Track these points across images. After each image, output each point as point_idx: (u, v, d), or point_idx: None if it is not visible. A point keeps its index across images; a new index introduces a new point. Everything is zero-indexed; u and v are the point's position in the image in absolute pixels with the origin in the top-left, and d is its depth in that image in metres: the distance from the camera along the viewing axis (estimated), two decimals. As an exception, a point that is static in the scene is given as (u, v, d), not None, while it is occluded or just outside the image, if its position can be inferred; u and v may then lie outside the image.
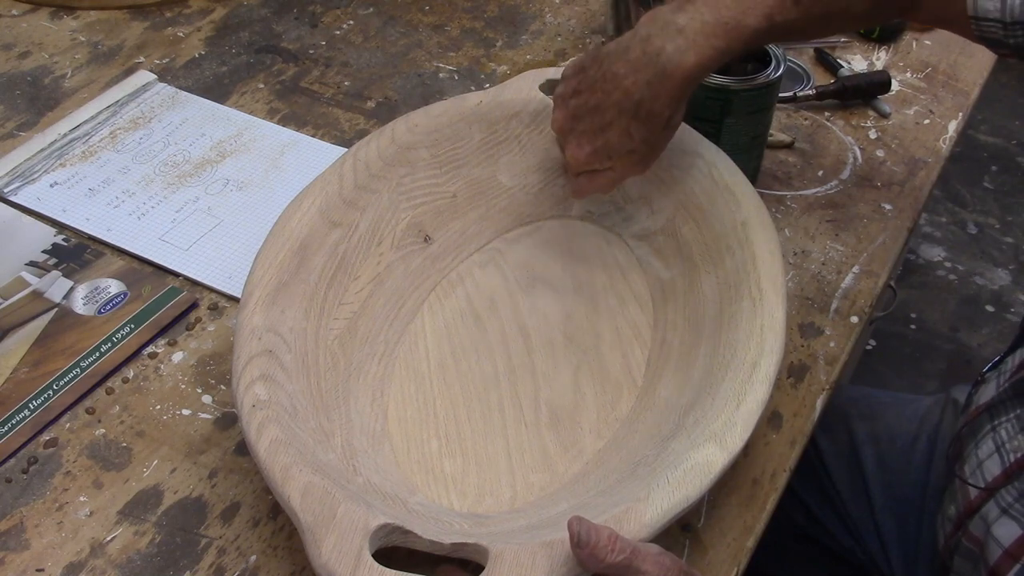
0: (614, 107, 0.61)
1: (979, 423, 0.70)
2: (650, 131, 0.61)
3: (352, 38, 1.00)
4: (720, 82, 0.74)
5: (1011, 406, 0.68)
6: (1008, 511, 0.63)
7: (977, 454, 0.68)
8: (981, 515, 0.65)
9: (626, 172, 0.65)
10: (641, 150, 0.63)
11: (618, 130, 0.62)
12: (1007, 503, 0.64)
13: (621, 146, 0.62)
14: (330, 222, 0.65)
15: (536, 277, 0.71)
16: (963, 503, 0.68)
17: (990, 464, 0.67)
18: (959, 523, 0.68)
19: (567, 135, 0.65)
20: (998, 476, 0.65)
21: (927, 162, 0.86)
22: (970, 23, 0.65)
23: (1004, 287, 1.93)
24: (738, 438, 0.53)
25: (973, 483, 0.67)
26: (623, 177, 0.66)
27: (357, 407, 0.61)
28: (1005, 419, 0.67)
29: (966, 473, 0.69)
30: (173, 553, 0.56)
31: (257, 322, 0.58)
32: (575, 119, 0.64)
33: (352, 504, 0.48)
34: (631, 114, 0.61)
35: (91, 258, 0.74)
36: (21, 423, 0.62)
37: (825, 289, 0.74)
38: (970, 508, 0.67)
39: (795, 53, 0.97)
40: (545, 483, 0.59)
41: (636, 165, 0.64)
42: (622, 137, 0.62)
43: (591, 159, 0.64)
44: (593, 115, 0.62)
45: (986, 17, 0.64)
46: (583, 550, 0.45)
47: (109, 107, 0.88)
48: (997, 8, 0.63)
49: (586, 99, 0.63)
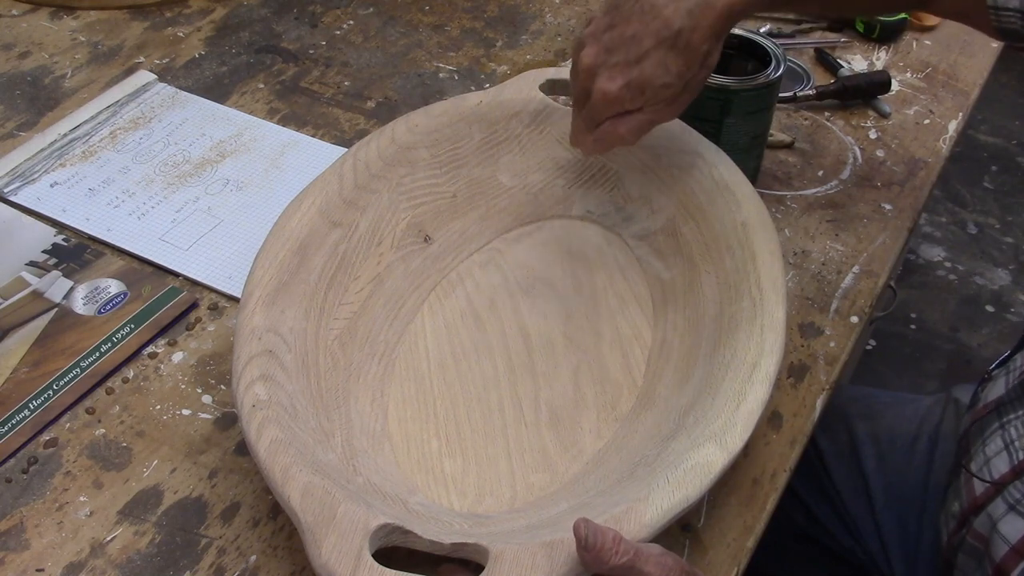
0: (652, 36, 0.59)
1: (987, 421, 0.70)
2: (687, 65, 0.60)
3: (352, 38, 1.00)
4: (720, 82, 0.73)
5: (1020, 404, 0.67)
6: (1015, 507, 0.63)
7: (984, 451, 0.68)
8: (987, 512, 0.65)
9: (656, 116, 0.62)
10: (676, 86, 0.60)
11: (655, 61, 0.59)
12: (1015, 499, 0.64)
13: (656, 78, 0.60)
14: (330, 222, 0.65)
15: (536, 277, 0.71)
16: (968, 499, 0.68)
17: (998, 461, 0.66)
18: (963, 519, 0.68)
19: (598, 69, 0.61)
20: (1006, 473, 0.65)
21: (927, 162, 0.86)
22: (988, 14, 0.64)
23: (1004, 287, 1.93)
24: (738, 438, 0.53)
25: (980, 477, 0.67)
26: (652, 123, 0.63)
27: (357, 407, 0.61)
28: (1014, 416, 0.67)
29: (973, 469, 0.69)
30: (173, 553, 0.56)
31: (257, 322, 0.58)
32: (608, 52, 0.61)
33: (352, 504, 0.48)
34: (669, 44, 0.59)
35: (91, 258, 0.74)
36: (21, 423, 0.62)
37: (825, 289, 0.74)
38: (975, 504, 0.67)
39: (795, 53, 0.97)
40: (545, 483, 0.59)
41: (668, 106, 0.62)
42: (658, 68, 0.60)
43: (623, 93, 0.60)
44: (629, 46, 0.60)
45: (1006, 7, 0.63)
46: (589, 552, 0.45)
47: (109, 107, 0.88)
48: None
49: (622, 30, 0.60)
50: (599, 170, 0.73)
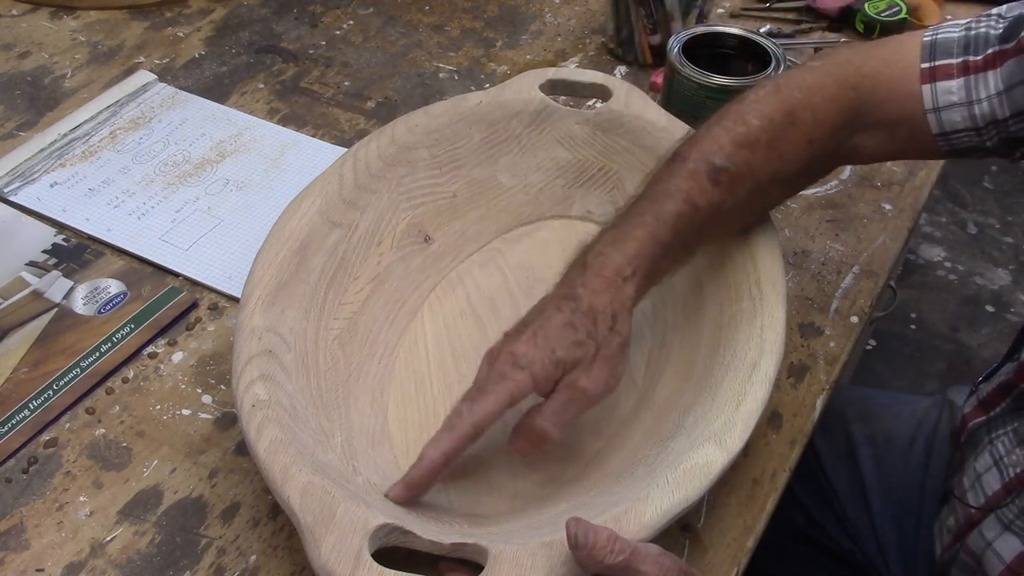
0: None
1: (976, 436, 0.70)
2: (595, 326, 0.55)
3: (352, 38, 1.00)
4: (720, 82, 0.74)
5: (1008, 419, 0.67)
6: (1010, 527, 0.63)
7: (975, 467, 0.68)
8: (980, 530, 0.65)
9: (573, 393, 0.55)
10: (588, 345, 0.54)
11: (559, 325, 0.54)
12: (1008, 519, 0.64)
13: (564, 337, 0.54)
14: (330, 222, 0.65)
15: (536, 277, 0.71)
16: (963, 516, 0.68)
17: (989, 478, 0.66)
18: (958, 536, 0.68)
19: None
20: (998, 491, 0.65)
21: (927, 162, 0.86)
22: (937, 142, 0.61)
23: (1004, 287, 1.93)
24: (738, 438, 0.52)
25: (973, 502, 0.67)
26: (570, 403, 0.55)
27: (357, 407, 0.61)
28: (1002, 432, 0.67)
29: (964, 485, 0.68)
30: (173, 553, 0.56)
31: (257, 322, 0.57)
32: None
33: (352, 504, 0.48)
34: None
35: (91, 258, 0.74)
36: (21, 423, 0.62)
37: (825, 289, 0.74)
38: (970, 522, 0.67)
39: (795, 53, 0.97)
40: (545, 483, 0.59)
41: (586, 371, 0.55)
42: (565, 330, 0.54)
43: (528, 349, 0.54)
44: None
45: (954, 129, 0.60)
46: (581, 551, 0.45)
47: (109, 107, 0.88)
48: (965, 117, 0.59)
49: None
50: (599, 170, 0.73)
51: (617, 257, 0.55)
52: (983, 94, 0.59)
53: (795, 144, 0.59)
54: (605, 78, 0.74)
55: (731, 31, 0.80)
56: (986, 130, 0.60)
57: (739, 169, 0.58)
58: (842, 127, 0.61)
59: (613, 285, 0.55)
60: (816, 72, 0.61)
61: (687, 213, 0.57)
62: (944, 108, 0.60)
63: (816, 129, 0.60)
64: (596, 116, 0.72)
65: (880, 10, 0.98)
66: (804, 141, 0.60)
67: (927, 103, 0.60)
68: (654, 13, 0.91)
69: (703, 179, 0.57)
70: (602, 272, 0.55)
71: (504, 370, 0.53)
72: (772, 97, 0.60)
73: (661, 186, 0.58)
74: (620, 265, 0.55)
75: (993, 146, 0.60)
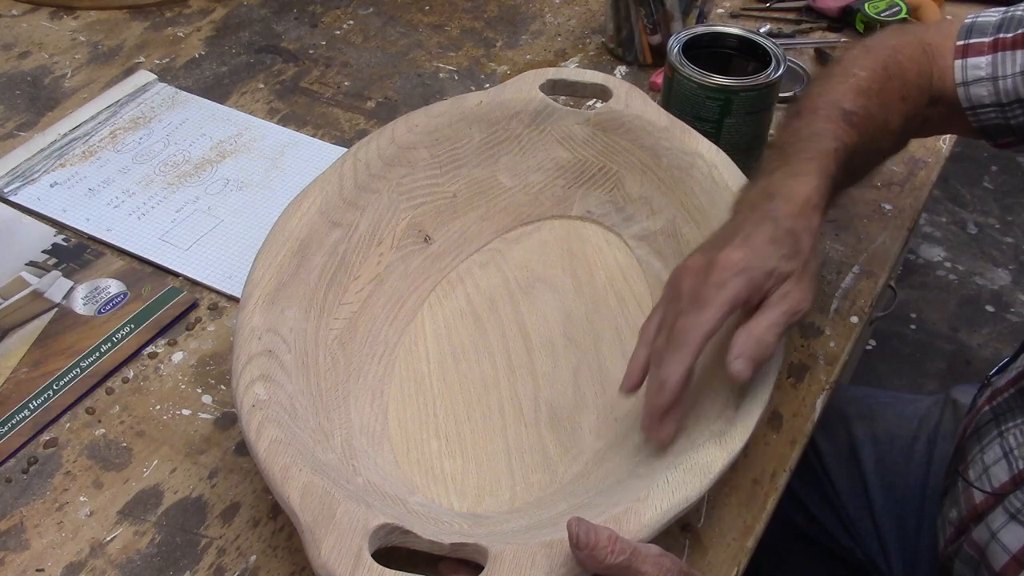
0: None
1: (985, 428, 0.70)
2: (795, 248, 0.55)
3: (352, 38, 1.00)
4: (720, 82, 0.73)
5: (1020, 412, 0.67)
6: (1016, 517, 0.63)
7: (983, 459, 0.68)
8: (986, 521, 0.65)
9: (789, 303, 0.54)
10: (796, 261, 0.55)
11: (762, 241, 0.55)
12: (1015, 508, 0.63)
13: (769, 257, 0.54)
14: (330, 222, 0.65)
15: (536, 277, 0.71)
16: (967, 507, 0.67)
17: (997, 470, 0.66)
18: (962, 528, 0.68)
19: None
20: (1006, 483, 0.65)
21: (927, 162, 0.86)
22: (967, 116, 0.65)
23: (1004, 287, 1.93)
24: (738, 438, 0.52)
25: (979, 487, 0.67)
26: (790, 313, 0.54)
27: (357, 407, 0.61)
28: (1013, 424, 0.67)
29: (971, 477, 0.68)
30: (173, 553, 0.56)
31: (257, 322, 0.57)
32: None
33: (352, 504, 0.48)
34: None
35: (91, 258, 0.74)
36: (21, 423, 0.62)
37: (825, 289, 0.74)
38: (975, 513, 0.66)
39: (795, 53, 0.97)
40: (545, 483, 0.59)
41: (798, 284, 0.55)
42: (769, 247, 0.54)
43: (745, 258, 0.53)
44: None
45: (980, 103, 0.64)
46: (582, 551, 0.45)
47: (109, 107, 0.88)
48: (991, 92, 0.63)
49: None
50: (599, 170, 0.73)
51: (801, 188, 0.56)
52: (1008, 71, 0.62)
53: (895, 96, 0.63)
54: (605, 78, 0.74)
55: (731, 31, 0.80)
56: (1010, 107, 0.63)
57: (864, 113, 0.61)
58: (924, 89, 0.65)
59: (804, 212, 0.55)
60: (894, 35, 0.67)
61: (841, 150, 0.59)
62: (972, 83, 0.63)
63: (905, 87, 0.64)
64: (596, 116, 0.72)
65: (880, 10, 0.98)
66: (899, 96, 0.63)
67: (957, 77, 0.64)
68: (654, 13, 0.91)
69: (840, 122, 0.59)
70: (793, 199, 0.55)
71: (724, 277, 0.52)
72: (867, 54, 0.64)
73: (806, 131, 0.59)
74: (809, 194, 0.56)
75: (1017, 125, 0.63)
